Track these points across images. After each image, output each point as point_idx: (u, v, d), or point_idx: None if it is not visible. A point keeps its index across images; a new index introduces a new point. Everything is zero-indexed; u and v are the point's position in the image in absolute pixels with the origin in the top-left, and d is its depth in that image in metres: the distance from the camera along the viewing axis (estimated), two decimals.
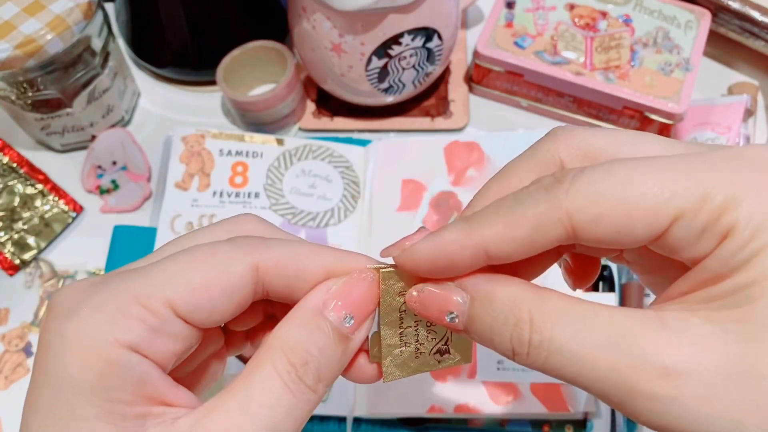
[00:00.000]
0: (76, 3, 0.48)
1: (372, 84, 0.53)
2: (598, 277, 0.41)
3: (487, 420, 0.46)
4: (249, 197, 0.53)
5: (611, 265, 0.49)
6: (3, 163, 0.55)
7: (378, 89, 0.54)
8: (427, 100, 0.60)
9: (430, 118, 0.59)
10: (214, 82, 0.58)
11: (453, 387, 0.46)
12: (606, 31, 0.56)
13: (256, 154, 0.54)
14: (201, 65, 0.59)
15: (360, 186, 0.54)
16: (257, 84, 0.61)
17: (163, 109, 0.61)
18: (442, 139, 0.55)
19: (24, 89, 0.50)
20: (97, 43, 0.52)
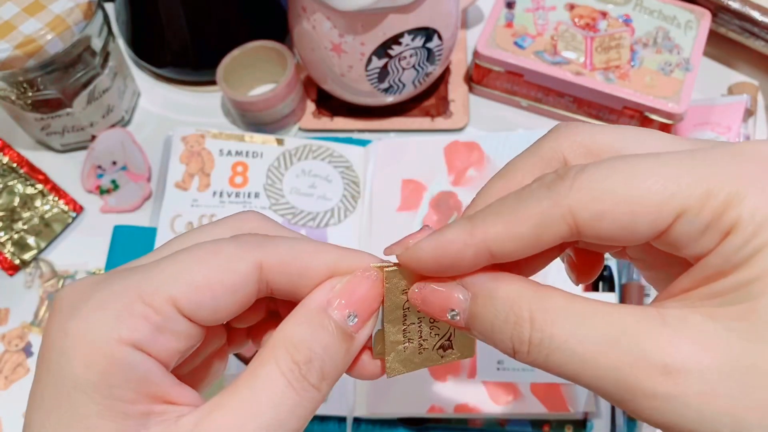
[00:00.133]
0: (76, 3, 0.48)
1: (372, 84, 0.53)
2: (597, 277, 0.41)
3: (487, 420, 0.46)
4: (249, 197, 0.53)
5: (611, 265, 0.49)
6: (3, 163, 0.55)
7: (378, 89, 0.54)
8: (427, 100, 0.60)
9: (430, 118, 0.59)
10: (214, 82, 0.58)
11: (453, 387, 0.46)
12: (606, 31, 0.56)
13: (256, 154, 0.54)
14: (201, 65, 0.59)
15: (360, 186, 0.54)
16: (257, 84, 0.61)
17: (163, 109, 0.61)
18: (442, 139, 0.55)
19: (24, 89, 0.50)
20: (97, 43, 0.52)
